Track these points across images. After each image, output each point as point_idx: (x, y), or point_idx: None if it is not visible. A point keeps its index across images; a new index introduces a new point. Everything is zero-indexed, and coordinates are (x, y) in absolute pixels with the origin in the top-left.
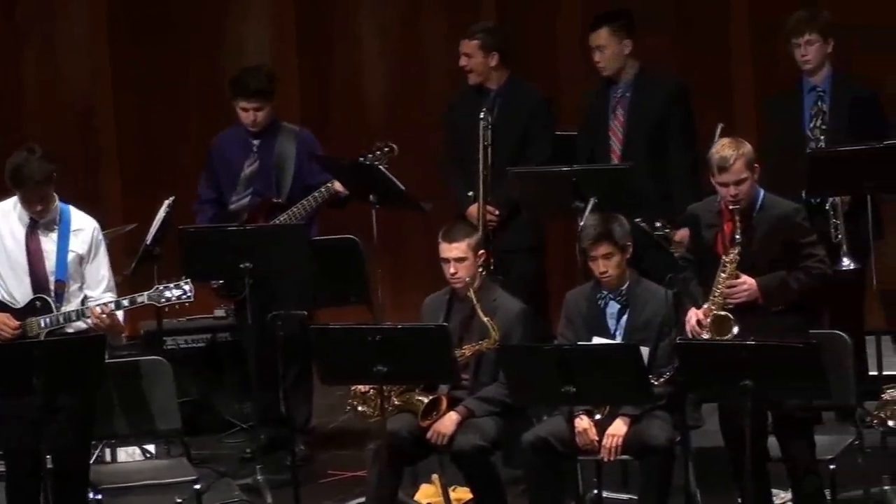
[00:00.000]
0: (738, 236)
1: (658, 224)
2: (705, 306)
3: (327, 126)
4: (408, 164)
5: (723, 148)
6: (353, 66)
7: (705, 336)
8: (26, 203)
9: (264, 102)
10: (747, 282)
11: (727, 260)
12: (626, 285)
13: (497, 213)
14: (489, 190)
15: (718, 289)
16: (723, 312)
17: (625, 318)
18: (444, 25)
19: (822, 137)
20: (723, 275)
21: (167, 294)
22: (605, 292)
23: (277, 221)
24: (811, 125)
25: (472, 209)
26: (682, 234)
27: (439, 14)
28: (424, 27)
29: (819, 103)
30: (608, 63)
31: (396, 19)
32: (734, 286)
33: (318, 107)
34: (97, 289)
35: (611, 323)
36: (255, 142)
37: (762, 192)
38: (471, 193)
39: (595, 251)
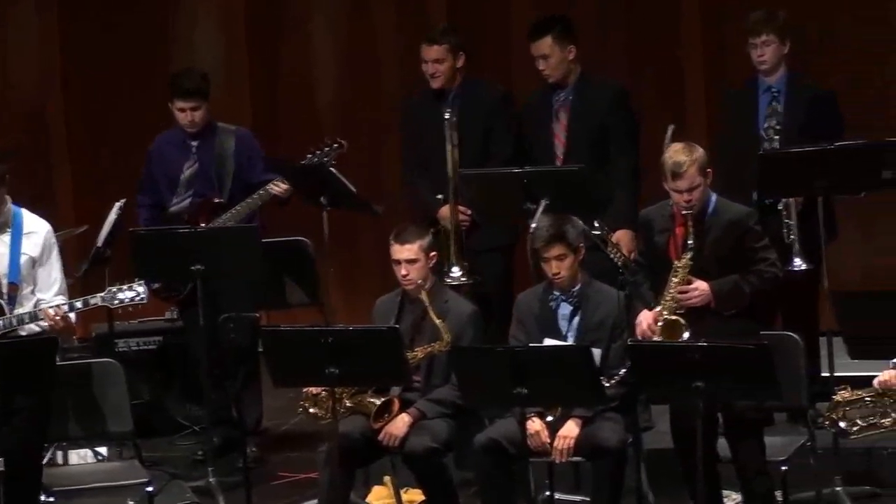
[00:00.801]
0: (690, 241)
1: (596, 224)
2: (656, 310)
3: (279, 125)
4: (359, 164)
5: (676, 153)
6: (304, 66)
7: (656, 339)
8: None
9: (200, 101)
10: (699, 286)
11: (679, 265)
12: (577, 287)
13: (469, 212)
14: (459, 190)
15: (670, 293)
16: (674, 317)
17: (576, 319)
18: (395, 23)
19: (776, 138)
20: (675, 279)
21: (120, 296)
22: (557, 294)
23: (220, 221)
24: (765, 125)
25: (444, 211)
26: (619, 235)
27: (389, 11)
28: (375, 25)
29: (773, 103)
30: (553, 71)
31: (346, 17)
32: (686, 291)
33: (270, 106)
34: (49, 292)
35: (562, 324)
36: (194, 143)
37: (714, 196)
38: (440, 196)
39: (548, 252)
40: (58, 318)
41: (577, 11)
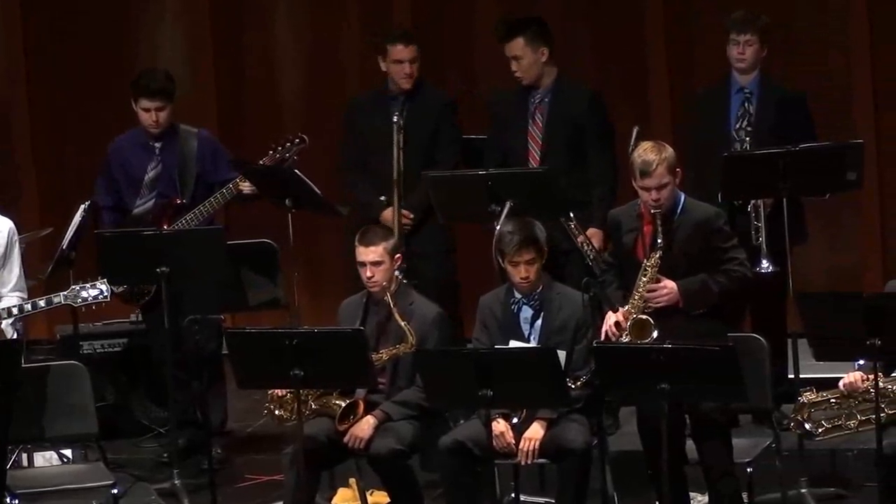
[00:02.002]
0: (659, 240)
1: (571, 215)
2: (624, 309)
3: (244, 125)
4: (324, 166)
5: (645, 152)
6: (269, 65)
7: (624, 339)
8: None
9: (166, 102)
10: (668, 285)
11: (648, 264)
12: (539, 290)
13: (412, 216)
14: (402, 194)
15: (638, 292)
16: (643, 316)
17: (539, 322)
18: (359, 24)
19: (747, 139)
20: (643, 278)
21: (84, 294)
22: (519, 297)
23: (182, 222)
24: (736, 126)
25: (387, 213)
26: (591, 233)
27: (353, 10)
28: (339, 25)
29: (746, 105)
30: (525, 73)
31: (310, 16)
32: (654, 290)
33: (235, 106)
34: (4, 288)
35: (525, 327)
36: (157, 144)
37: (683, 196)
38: (383, 198)
39: (520, 257)
40: None
41: (542, 9)
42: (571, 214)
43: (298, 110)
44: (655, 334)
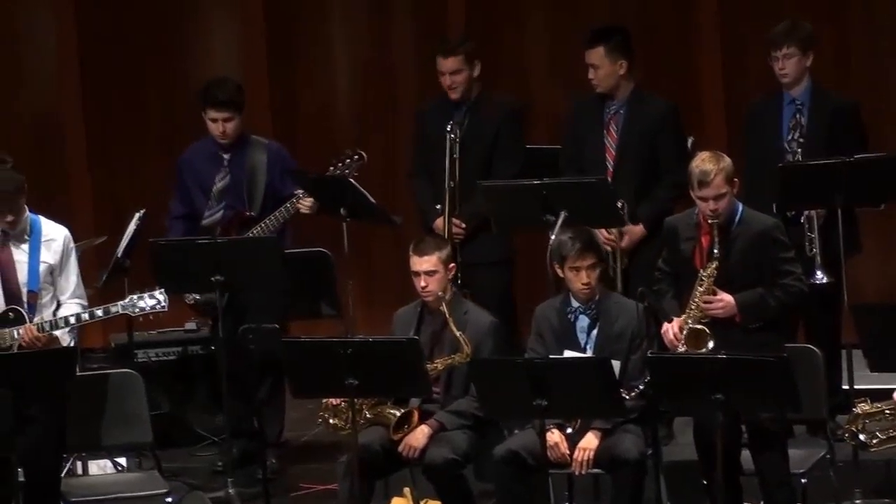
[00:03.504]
0: (715, 250)
1: (619, 205)
2: (680, 318)
3: (297, 138)
4: (377, 177)
5: (703, 162)
6: (323, 79)
7: (680, 348)
8: None
9: (234, 113)
10: (724, 298)
11: (704, 274)
12: (596, 298)
13: (463, 226)
14: (456, 203)
15: (695, 302)
16: (699, 326)
17: (595, 331)
18: (413, 35)
19: (799, 150)
20: (700, 288)
21: (141, 304)
22: (576, 306)
23: (249, 234)
24: (789, 137)
25: (439, 222)
26: (631, 228)
27: (407, 23)
28: (393, 37)
29: (797, 116)
30: (601, 82)
31: (365, 29)
32: (711, 302)
33: (288, 119)
34: (63, 295)
35: (581, 337)
36: (226, 155)
37: (741, 206)
38: (439, 206)
39: (581, 262)
40: (37, 343)
41: (590, 19)
42: (619, 204)
43: (352, 123)
44: (711, 344)
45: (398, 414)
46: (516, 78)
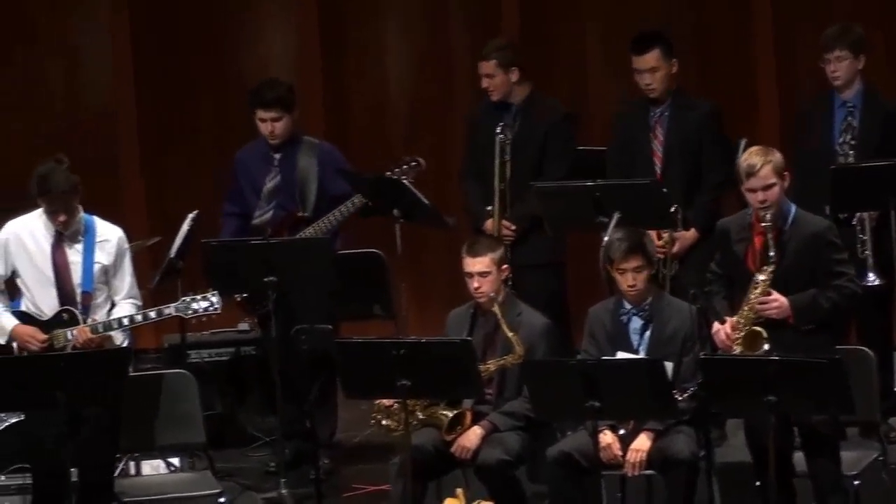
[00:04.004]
0: (771, 253)
1: (673, 210)
2: (733, 320)
3: (350, 138)
4: (430, 179)
5: (751, 155)
6: (376, 79)
7: (736, 350)
8: (51, 214)
9: (282, 113)
10: (779, 300)
11: (761, 277)
12: (649, 300)
13: (513, 228)
14: (506, 205)
15: (749, 304)
16: (757, 328)
17: (648, 333)
18: (468, 42)
19: (851, 153)
20: (755, 291)
21: (194, 306)
22: (629, 307)
23: (302, 235)
24: (840, 140)
25: (489, 224)
26: (683, 233)
27: (463, 30)
28: (448, 43)
29: (849, 118)
30: (660, 84)
31: (420, 36)
32: (766, 302)
33: (341, 119)
34: (117, 296)
35: (634, 338)
36: (277, 155)
37: (794, 207)
38: (490, 208)
39: (626, 264)
40: (91, 344)
41: (647, 27)
42: (673, 209)
43: (405, 126)
44: (767, 346)
45: (451, 415)
46: (571, 79)
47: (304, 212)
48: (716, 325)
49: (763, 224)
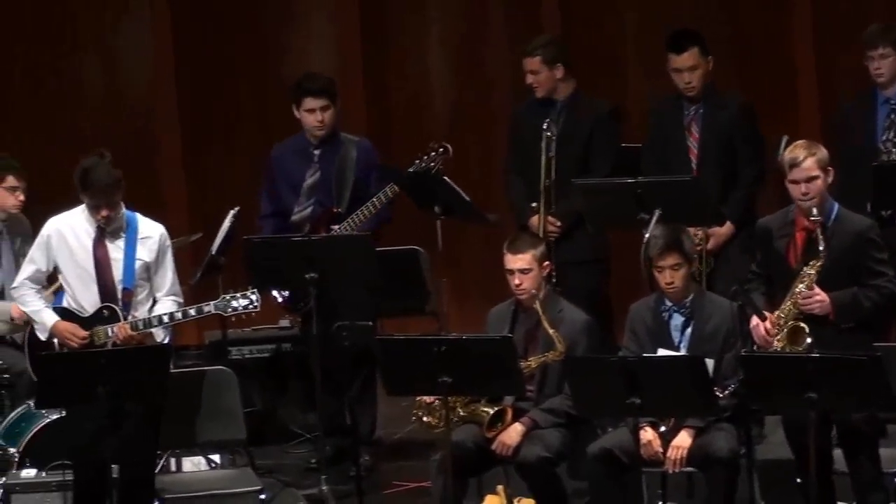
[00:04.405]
0: (821, 247)
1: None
2: (775, 314)
3: (392, 134)
4: (471, 175)
5: (795, 148)
6: (417, 75)
7: (776, 344)
8: (93, 209)
9: (330, 102)
10: (821, 295)
11: (809, 271)
12: (690, 297)
13: (558, 224)
14: (551, 201)
15: (791, 299)
16: (801, 324)
17: (689, 330)
18: (507, 38)
19: (893, 150)
20: (801, 286)
21: (234, 304)
22: (670, 304)
23: (336, 230)
24: (883, 137)
25: (534, 220)
26: (717, 228)
27: (502, 26)
28: (488, 40)
29: (892, 116)
30: (699, 83)
31: (460, 32)
32: (809, 297)
33: (383, 117)
34: (159, 292)
35: (675, 335)
36: (316, 152)
37: (836, 205)
38: (534, 204)
39: (663, 262)
40: (131, 340)
41: (685, 25)
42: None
43: (446, 122)
44: (809, 341)
45: (492, 412)
46: (613, 81)
47: (339, 207)
48: (755, 320)
49: (812, 218)
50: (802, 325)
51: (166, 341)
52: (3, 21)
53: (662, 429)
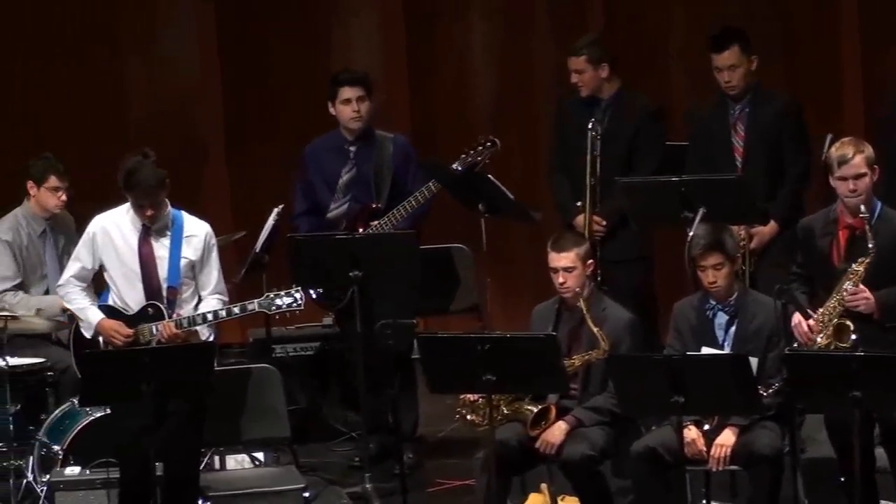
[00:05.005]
0: (871, 245)
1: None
2: (818, 312)
3: (435, 132)
4: (515, 173)
5: (843, 145)
6: (462, 74)
7: (820, 340)
8: (138, 208)
9: (367, 92)
10: (867, 293)
11: (857, 268)
12: (734, 296)
13: (604, 223)
14: (597, 200)
15: (837, 296)
16: (847, 321)
17: (733, 328)
18: (552, 34)
19: None
20: (847, 283)
21: (278, 302)
22: (714, 303)
23: (375, 225)
24: None
25: (579, 219)
26: (756, 230)
27: (546, 23)
28: (532, 36)
29: None
30: (739, 82)
31: (503, 27)
32: (855, 294)
33: (427, 112)
34: (204, 290)
35: (719, 333)
36: (352, 149)
37: (880, 204)
38: (579, 203)
39: (705, 261)
40: (176, 339)
41: (731, 23)
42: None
43: (490, 118)
44: (854, 337)
45: (535, 410)
46: (656, 81)
47: (378, 203)
48: (797, 317)
49: (862, 216)
50: (847, 322)
51: (211, 339)
52: (47, 22)
53: (706, 427)
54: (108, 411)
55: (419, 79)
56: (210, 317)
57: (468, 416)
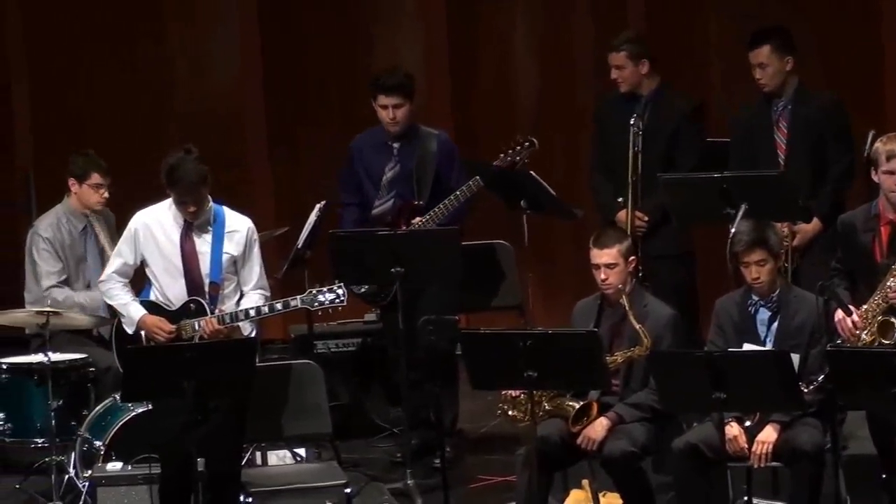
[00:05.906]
0: None
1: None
2: (862, 308)
3: (477, 130)
4: (557, 169)
5: (890, 140)
6: (504, 72)
7: (864, 337)
8: (180, 204)
9: (403, 100)
10: None
11: None
12: (776, 292)
13: (646, 219)
14: (638, 196)
15: (881, 293)
16: (892, 319)
17: (775, 324)
18: (593, 32)
19: None
20: (891, 280)
21: (321, 298)
22: (756, 299)
23: (417, 222)
24: None
25: (621, 215)
26: (800, 227)
27: (587, 20)
28: (573, 34)
29: None
30: (769, 80)
31: (545, 25)
32: None
33: (469, 111)
34: (246, 286)
35: (761, 329)
36: (396, 145)
37: None
38: (620, 199)
39: (748, 257)
40: (219, 334)
41: (770, 21)
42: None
43: (531, 115)
44: None
45: (577, 406)
46: (696, 77)
47: (420, 200)
48: (839, 314)
49: None
50: (893, 319)
51: (253, 335)
52: (91, 21)
53: (748, 423)
54: (150, 407)
55: (460, 77)
56: (252, 313)
57: (510, 412)
